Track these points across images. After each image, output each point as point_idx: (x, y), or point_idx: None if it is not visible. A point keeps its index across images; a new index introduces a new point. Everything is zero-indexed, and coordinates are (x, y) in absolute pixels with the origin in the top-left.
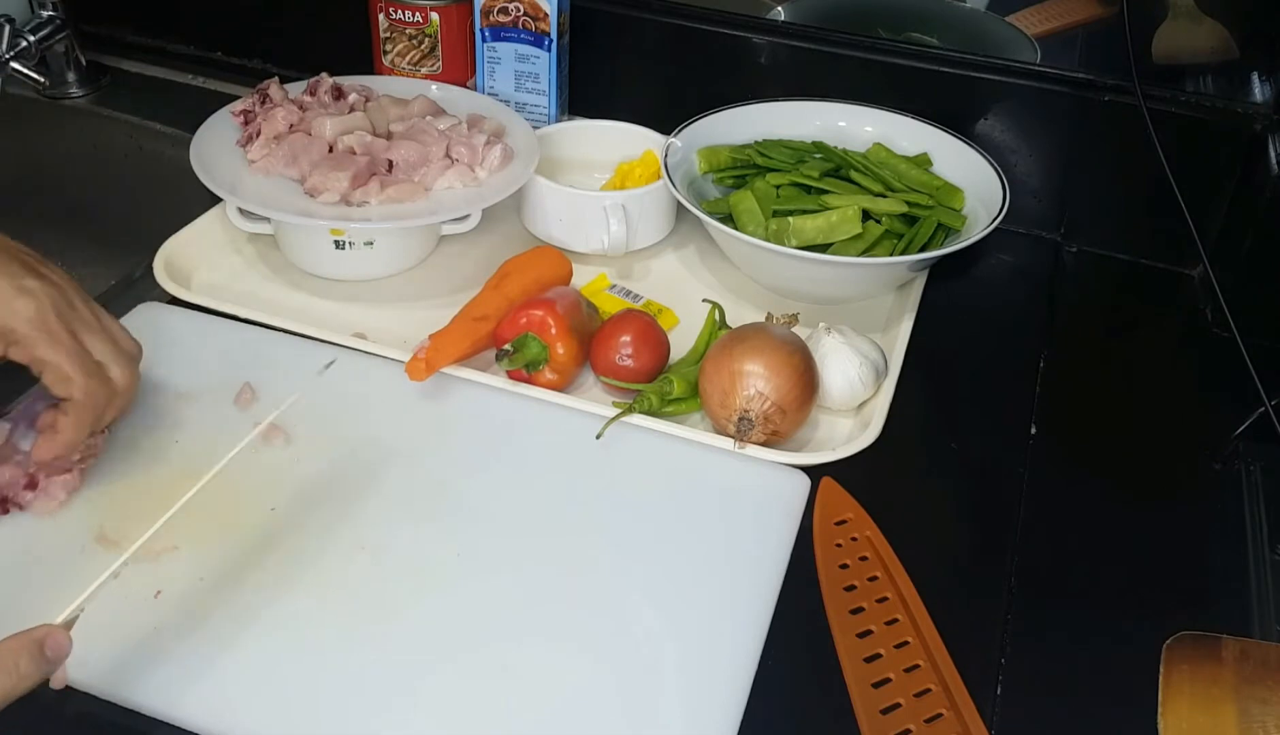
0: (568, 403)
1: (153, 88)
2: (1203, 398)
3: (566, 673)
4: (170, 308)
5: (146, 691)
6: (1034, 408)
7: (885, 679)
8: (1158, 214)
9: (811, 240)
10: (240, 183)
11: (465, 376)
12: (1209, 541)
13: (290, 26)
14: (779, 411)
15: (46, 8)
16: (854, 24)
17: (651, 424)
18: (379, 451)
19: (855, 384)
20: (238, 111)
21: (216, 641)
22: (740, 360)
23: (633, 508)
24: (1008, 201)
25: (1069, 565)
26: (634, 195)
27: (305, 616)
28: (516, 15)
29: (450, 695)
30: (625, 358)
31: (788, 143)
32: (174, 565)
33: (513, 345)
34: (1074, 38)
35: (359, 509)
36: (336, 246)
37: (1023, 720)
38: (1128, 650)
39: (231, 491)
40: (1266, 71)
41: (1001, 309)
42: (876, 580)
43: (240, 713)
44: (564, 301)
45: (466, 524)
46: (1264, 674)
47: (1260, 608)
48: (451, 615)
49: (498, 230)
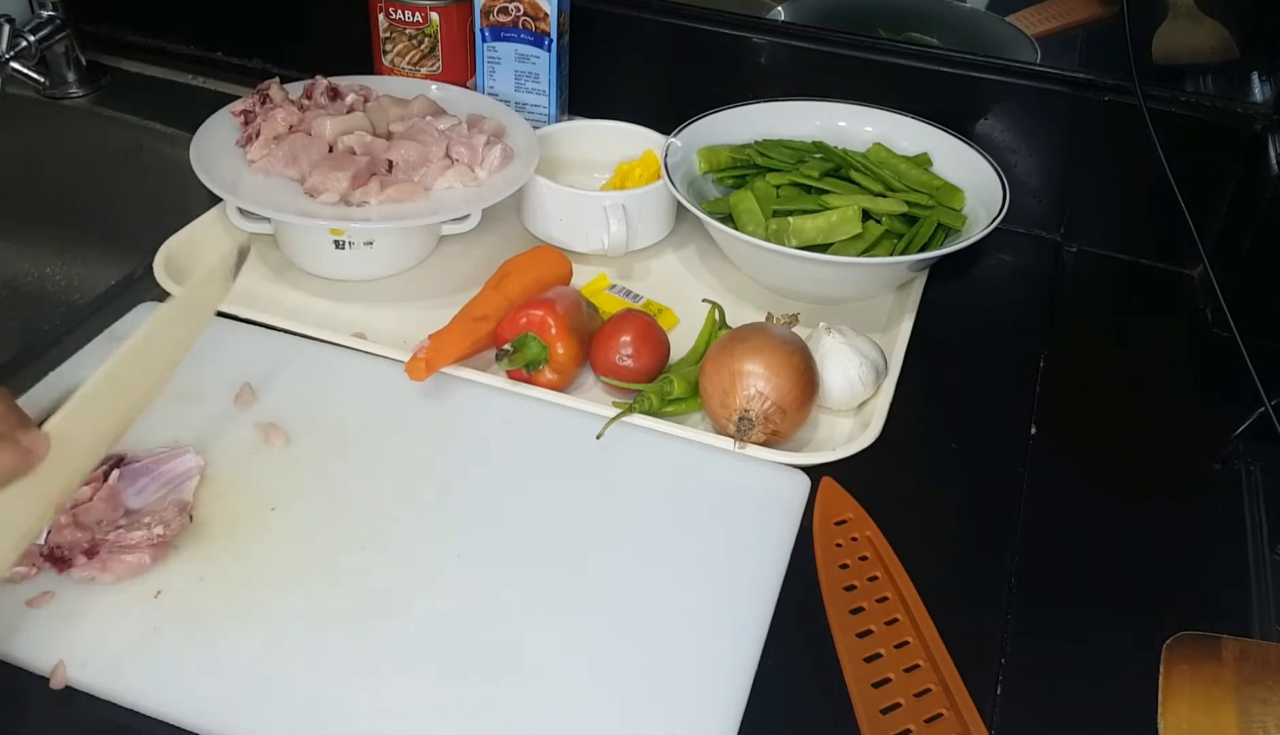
0: (567, 403)
1: (153, 88)
2: (1203, 398)
3: (566, 672)
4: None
5: (146, 691)
6: (1034, 408)
7: (885, 679)
8: (1158, 214)
9: (811, 240)
10: (240, 183)
11: (465, 376)
12: (1209, 541)
13: (290, 26)
14: (779, 411)
15: (46, 8)
16: (854, 24)
17: (651, 424)
18: (379, 452)
19: (855, 384)
20: (238, 111)
21: (216, 641)
22: (741, 360)
23: (632, 507)
24: (1008, 201)
25: (1069, 565)
26: (634, 195)
27: (305, 616)
28: (516, 15)
29: (450, 695)
30: (625, 358)
31: (788, 143)
32: (174, 565)
33: (513, 345)
34: (1074, 38)
35: (359, 509)
36: (336, 246)
37: (1023, 720)
38: (1128, 650)
39: (231, 492)
40: (1266, 71)
41: (1001, 309)
42: (876, 580)
43: (240, 713)
44: (564, 301)
45: (467, 524)
46: (1264, 674)
47: (1260, 608)
48: (451, 615)
49: (498, 230)
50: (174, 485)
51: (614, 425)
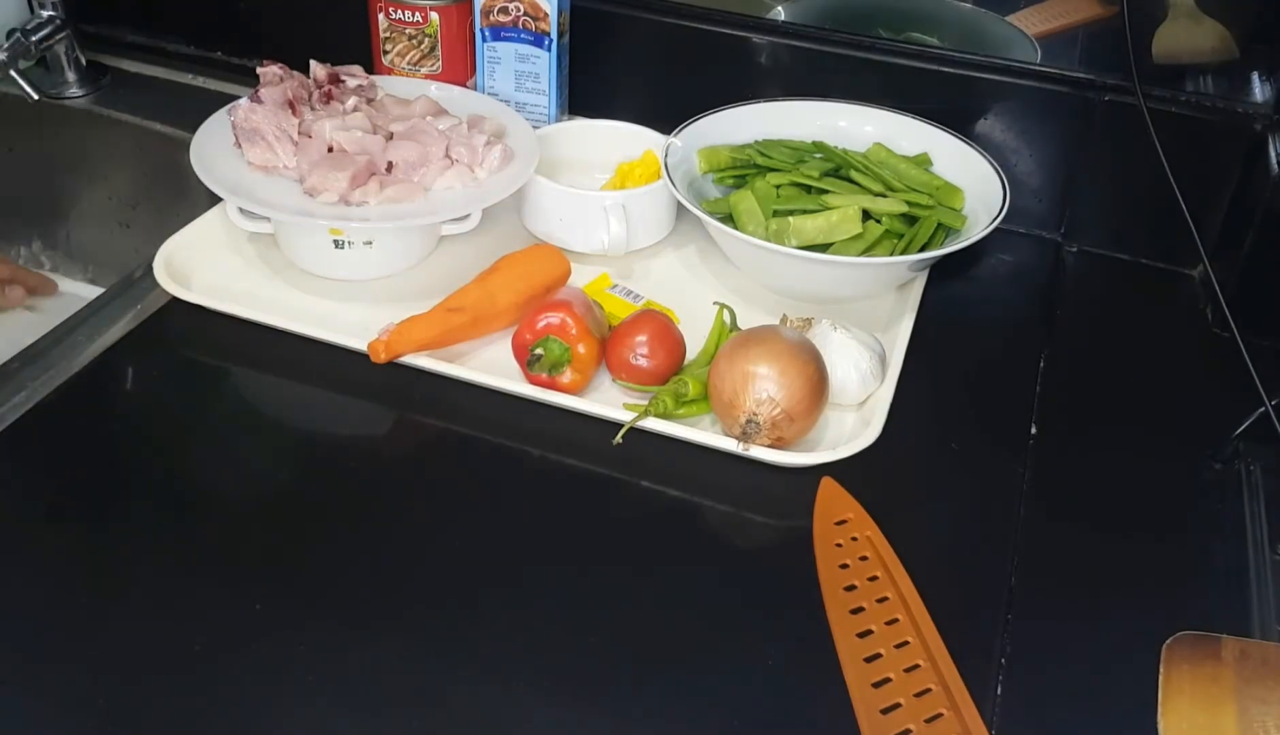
0: (578, 406)
1: (153, 88)
2: (1202, 398)
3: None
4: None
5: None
6: (1034, 408)
7: (885, 679)
8: (1158, 214)
9: (812, 240)
10: (240, 182)
11: (467, 377)
12: (1209, 541)
13: (290, 26)
14: (787, 419)
15: (46, 8)
16: (854, 24)
17: (654, 424)
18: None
19: (866, 377)
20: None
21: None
22: (755, 362)
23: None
24: (1008, 201)
25: (1069, 565)
26: (634, 195)
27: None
28: (516, 15)
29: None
30: (640, 358)
31: (788, 143)
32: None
33: (538, 349)
34: (1074, 38)
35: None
36: (336, 246)
37: (1023, 720)
38: (1128, 650)
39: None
40: (1266, 71)
41: (1001, 309)
42: (876, 580)
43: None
44: (579, 301)
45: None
46: (1264, 674)
47: (1260, 608)
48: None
49: (498, 230)
50: None
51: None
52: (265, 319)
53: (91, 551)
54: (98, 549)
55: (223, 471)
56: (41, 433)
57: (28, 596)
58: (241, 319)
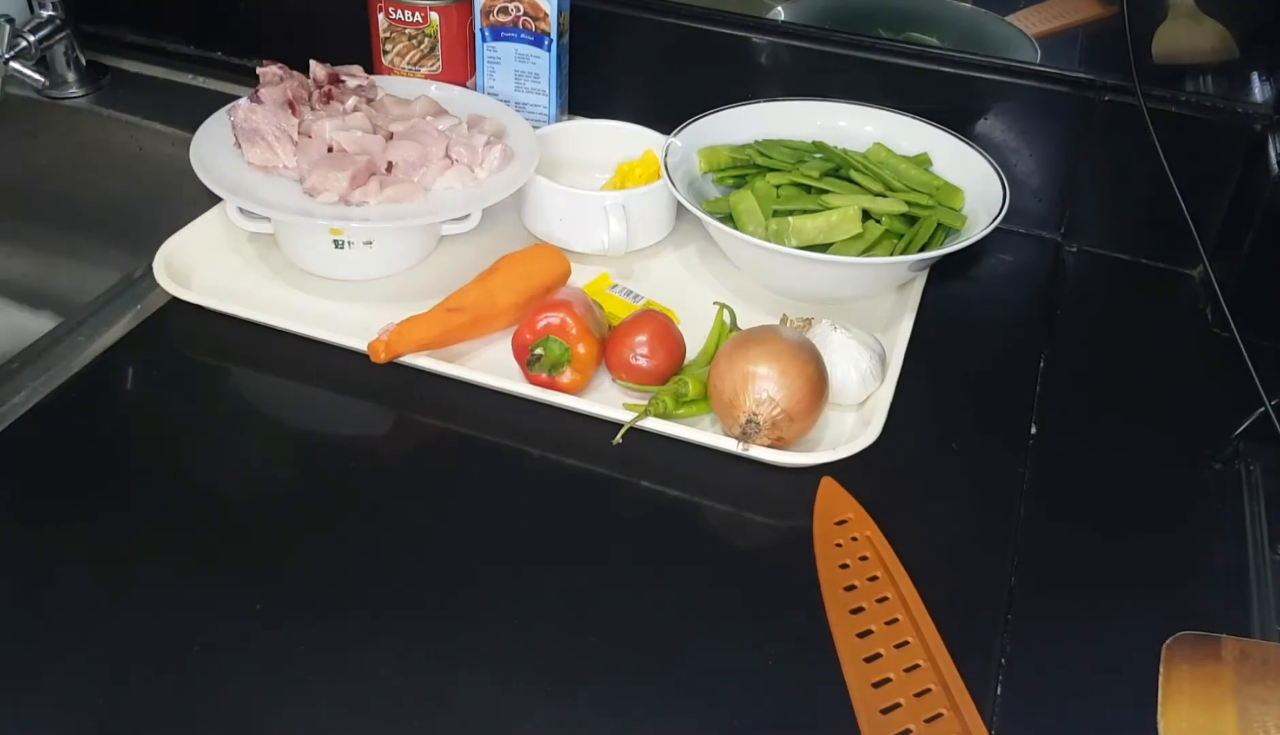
0: (578, 405)
1: (153, 88)
2: (1202, 398)
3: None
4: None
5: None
6: (1034, 408)
7: (885, 679)
8: (1158, 214)
9: (811, 240)
10: (240, 182)
11: (467, 377)
12: (1209, 541)
13: (290, 26)
14: (787, 419)
15: (46, 8)
16: (854, 24)
17: (654, 424)
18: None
19: (867, 377)
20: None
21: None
22: (755, 362)
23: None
24: (1008, 201)
25: (1069, 565)
26: (634, 195)
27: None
28: (516, 15)
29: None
30: (640, 358)
31: (788, 143)
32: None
33: (538, 349)
34: (1074, 38)
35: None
36: (336, 246)
37: (1023, 720)
38: (1128, 650)
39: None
40: (1266, 71)
41: (1001, 309)
42: (876, 580)
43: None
44: (579, 301)
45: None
46: (1264, 674)
47: (1260, 608)
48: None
49: (498, 230)
50: None
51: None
52: (265, 319)
53: (91, 552)
54: (98, 549)
55: (223, 472)
56: (41, 433)
57: (27, 596)
58: (241, 319)
